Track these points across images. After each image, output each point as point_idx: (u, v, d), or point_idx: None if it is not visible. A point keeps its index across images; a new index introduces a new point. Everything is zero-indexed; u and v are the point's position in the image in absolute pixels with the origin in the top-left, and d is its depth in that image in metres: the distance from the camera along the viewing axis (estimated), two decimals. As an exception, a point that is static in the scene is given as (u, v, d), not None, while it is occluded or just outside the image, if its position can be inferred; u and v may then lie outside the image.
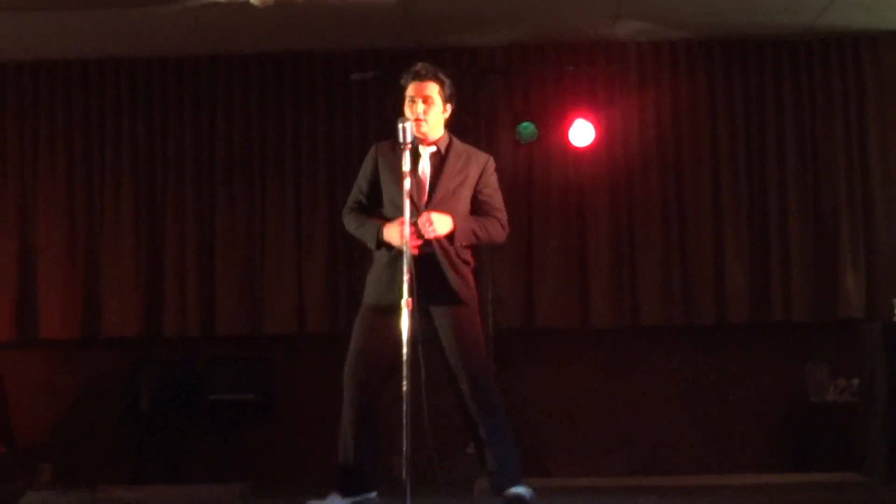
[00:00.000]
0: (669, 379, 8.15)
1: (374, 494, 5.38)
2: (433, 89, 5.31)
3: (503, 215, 5.43)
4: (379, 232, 5.26)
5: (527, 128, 7.99)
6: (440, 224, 5.18)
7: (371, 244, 5.32)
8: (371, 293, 5.38)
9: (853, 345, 7.24)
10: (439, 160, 5.34)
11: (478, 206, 5.37)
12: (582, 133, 7.99)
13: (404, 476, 4.84)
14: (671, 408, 8.12)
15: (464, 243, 5.28)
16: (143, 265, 8.24)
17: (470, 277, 5.40)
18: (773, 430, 8.02)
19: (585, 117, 8.01)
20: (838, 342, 7.86)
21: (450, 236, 5.23)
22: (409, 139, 5.08)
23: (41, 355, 8.30)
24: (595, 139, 8.03)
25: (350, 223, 5.47)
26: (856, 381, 7.48)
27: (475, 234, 5.31)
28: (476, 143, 7.24)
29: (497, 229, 5.39)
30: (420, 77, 5.32)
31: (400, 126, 5.10)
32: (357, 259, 8.05)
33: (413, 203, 5.08)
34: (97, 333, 8.19)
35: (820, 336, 8.06)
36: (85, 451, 8.11)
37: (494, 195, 5.42)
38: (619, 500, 5.79)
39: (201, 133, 8.31)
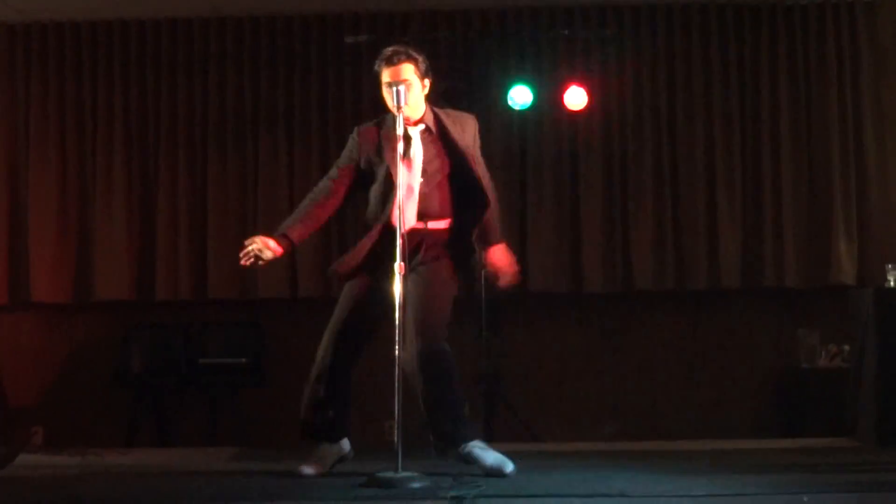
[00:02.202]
0: (661, 344, 8.15)
1: (346, 448, 5.40)
2: (408, 71, 5.21)
3: (489, 182, 5.40)
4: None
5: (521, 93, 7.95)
6: (510, 260, 5.44)
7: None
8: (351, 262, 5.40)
9: (845, 311, 7.23)
10: (429, 136, 5.29)
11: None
12: (576, 97, 7.94)
13: (395, 439, 4.83)
14: (663, 373, 8.12)
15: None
16: (136, 228, 8.20)
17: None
18: (765, 396, 8.05)
19: (579, 81, 7.96)
20: (830, 308, 7.86)
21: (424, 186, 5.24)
22: (402, 102, 5.07)
23: (32, 319, 8.27)
24: (589, 104, 7.99)
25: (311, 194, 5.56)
26: (847, 348, 7.49)
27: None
28: (469, 107, 7.25)
29: (495, 204, 5.39)
30: (392, 62, 5.21)
31: (394, 90, 5.09)
32: (350, 224, 8.04)
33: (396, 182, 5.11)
34: (89, 297, 8.15)
35: (812, 302, 8.07)
36: (76, 415, 8.10)
37: (480, 160, 5.39)
38: (610, 465, 5.78)
39: (194, 96, 8.25)
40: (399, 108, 5.08)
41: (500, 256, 5.44)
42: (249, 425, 7.93)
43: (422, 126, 5.28)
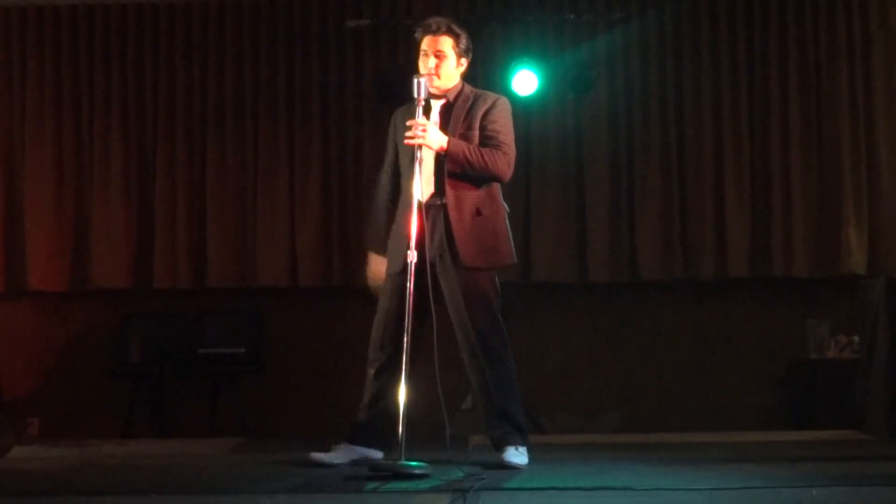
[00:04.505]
0: (668, 334, 8.09)
1: (380, 454, 5.30)
2: (447, 44, 5.21)
3: (510, 150, 5.24)
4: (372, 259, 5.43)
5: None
6: (433, 134, 5.05)
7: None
8: (391, 257, 5.30)
9: (854, 301, 7.18)
10: (447, 110, 5.25)
11: (484, 142, 5.20)
12: (581, 83, 7.84)
13: (400, 430, 4.78)
14: (669, 364, 8.06)
15: (455, 169, 5.12)
16: (133, 215, 8.14)
17: (488, 229, 5.23)
18: (773, 387, 7.99)
19: (585, 67, 7.87)
20: (839, 298, 7.82)
21: (442, 155, 5.10)
22: (423, 94, 5.05)
23: (28, 307, 8.23)
24: (595, 90, 7.91)
25: (372, 199, 5.54)
26: (857, 338, 7.42)
27: (467, 159, 5.10)
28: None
29: (499, 161, 5.17)
30: (433, 31, 5.21)
31: (415, 81, 5.07)
32: (351, 211, 7.99)
33: (423, 157, 5.05)
34: (86, 285, 8.09)
35: (821, 292, 8.02)
36: (73, 405, 8.07)
37: (501, 131, 5.23)
38: (616, 457, 5.71)
39: (193, 81, 8.18)
40: (419, 100, 5.05)
41: (433, 128, 5.09)
42: (249, 415, 7.89)
43: (443, 100, 5.23)
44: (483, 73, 7.89)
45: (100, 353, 8.04)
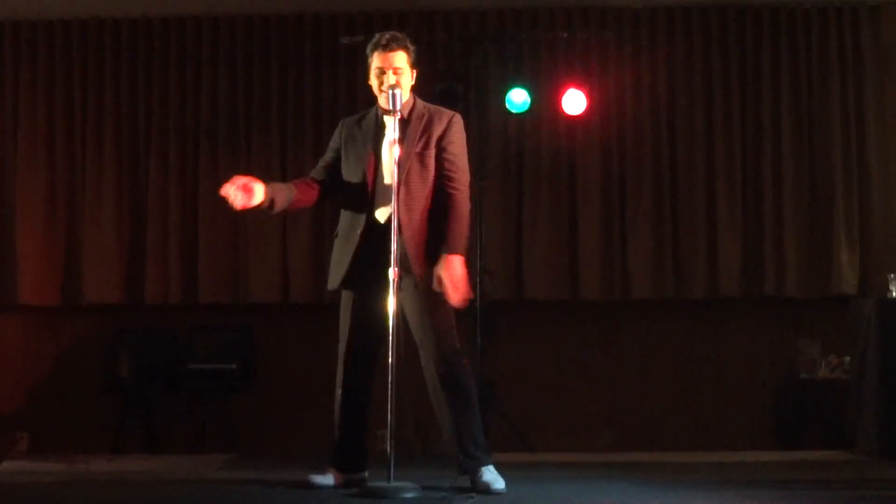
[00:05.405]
0: (659, 354, 8.07)
1: (364, 474, 5.26)
2: (402, 59, 5.18)
3: (466, 177, 5.21)
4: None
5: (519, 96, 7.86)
6: (459, 276, 4.99)
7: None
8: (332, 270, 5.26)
9: (846, 321, 7.19)
10: (403, 125, 5.18)
11: (440, 165, 5.17)
12: (574, 101, 7.84)
13: (388, 449, 4.76)
14: (660, 383, 8.04)
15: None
16: (125, 230, 8.12)
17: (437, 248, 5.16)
18: (764, 407, 7.95)
19: (578, 85, 7.88)
20: (831, 318, 7.79)
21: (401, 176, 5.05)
22: (398, 106, 5.03)
23: (19, 321, 8.18)
24: (587, 108, 7.90)
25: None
26: (848, 359, 7.43)
27: (466, 238, 5.15)
28: (466, 110, 7.18)
29: (466, 203, 5.17)
30: (387, 48, 5.17)
31: (390, 93, 5.04)
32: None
33: (380, 174, 5.06)
34: (77, 300, 8.07)
35: (812, 312, 7.99)
36: (63, 420, 8.02)
37: (458, 154, 5.21)
38: (606, 476, 5.71)
39: (186, 96, 8.18)
40: (396, 112, 5.04)
41: (451, 270, 5.02)
42: (239, 432, 7.85)
43: (397, 116, 5.16)
44: (477, 90, 7.93)
45: (90, 368, 7.99)
